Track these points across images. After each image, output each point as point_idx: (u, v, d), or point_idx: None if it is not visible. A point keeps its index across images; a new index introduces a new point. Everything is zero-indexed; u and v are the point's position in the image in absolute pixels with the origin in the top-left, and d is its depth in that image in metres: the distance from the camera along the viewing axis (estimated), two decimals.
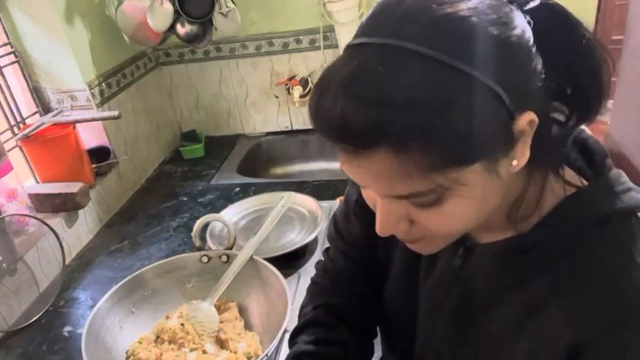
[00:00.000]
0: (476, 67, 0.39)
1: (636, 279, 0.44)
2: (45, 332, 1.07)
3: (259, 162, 1.88)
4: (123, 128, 1.57)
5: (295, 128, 1.90)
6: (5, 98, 1.32)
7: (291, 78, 1.78)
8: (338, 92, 0.40)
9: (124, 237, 1.38)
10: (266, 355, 0.83)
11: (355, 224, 0.70)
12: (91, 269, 1.27)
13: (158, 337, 0.93)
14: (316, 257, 1.18)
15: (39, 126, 1.28)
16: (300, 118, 1.88)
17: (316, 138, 1.94)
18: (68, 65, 1.39)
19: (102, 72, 1.49)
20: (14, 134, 1.32)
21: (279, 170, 1.91)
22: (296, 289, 1.08)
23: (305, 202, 1.31)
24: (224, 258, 1.03)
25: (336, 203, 1.33)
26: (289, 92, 1.79)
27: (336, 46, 1.70)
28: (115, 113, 1.30)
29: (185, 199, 1.53)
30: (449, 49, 0.39)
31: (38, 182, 1.35)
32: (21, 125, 1.35)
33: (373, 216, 0.49)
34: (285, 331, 0.85)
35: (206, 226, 1.22)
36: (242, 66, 1.81)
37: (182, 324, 0.92)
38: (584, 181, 0.51)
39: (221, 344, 0.93)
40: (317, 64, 1.76)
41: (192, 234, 1.09)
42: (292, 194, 1.25)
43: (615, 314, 0.44)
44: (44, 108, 1.44)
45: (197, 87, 1.87)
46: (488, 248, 0.54)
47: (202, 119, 1.93)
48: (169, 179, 1.68)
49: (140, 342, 0.93)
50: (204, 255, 1.04)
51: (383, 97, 0.39)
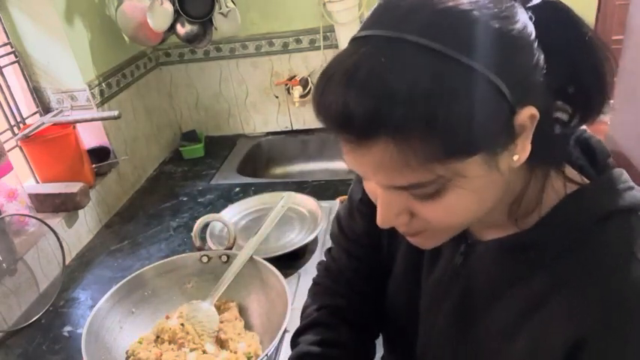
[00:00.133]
0: (476, 60, 0.40)
1: (637, 275, 0.44)
2: (45, 332, 1.07)
3: (259, 162, 1.88)
4: (123, 128, 1.57)
5: (295, 128, 1.90)
6: (5, 98, 1.32)
7: (291, 78, 1.78)
8: (341, 82, 0.41)
9: (124, 237, 1.38)
10: (266, 355, 0.83)
11: (359, 222, 0.70)
12: (91, 269, 1.27)
13: (158, 337, 0.93)
14: (316, 257, 1.18)
15: (39, 126, 1.28)
16: (300, 118, 1.88)
17: (316, 138, 1.95)
18: (68, 65, 1.39)
19: (102, 72, 1.49)
20: (14, 134, 1.32)
21: (279, 170, 1.91)
22: (296, 289, 1.08)
23: (305, 202, 1.31)
24: (224, 258, 1.03)
25: (336, 203, 1.33)
26: (289, 92, 1.79)
27: (336, 46, 1.70)
28: (115, 113, 1.30)
29: (185, 199, 1.53)
30: (450, 42, 0.40)
31: (38, 182, 1.35)
32: (21, 125, 1.35)
33: (376, 213, 0.49)
34: (285, 331, 0.85)
35: (206, 226, 1.22)
36: (242, 66, 1.81)
37: (182, 324, 0.92)
38: (585, 180, 0.51)
39: (221, 344, 0.93)
40: (317, 64, 1.76)
41: (192, 234, 1.09)
42: (292, 194, 1.25)
43: (616, 310, 0.44)
44: (44, 108, 1.44)
45: (197, 87, 1.87)
46: (489, 245, 0.55)
47: (202, 119, 1.93)
48: (169, 179, 1.68)
49: (140, 342, 0.93)
50: (204, 255, 1.04)
51: (384, 87, 0.39)
